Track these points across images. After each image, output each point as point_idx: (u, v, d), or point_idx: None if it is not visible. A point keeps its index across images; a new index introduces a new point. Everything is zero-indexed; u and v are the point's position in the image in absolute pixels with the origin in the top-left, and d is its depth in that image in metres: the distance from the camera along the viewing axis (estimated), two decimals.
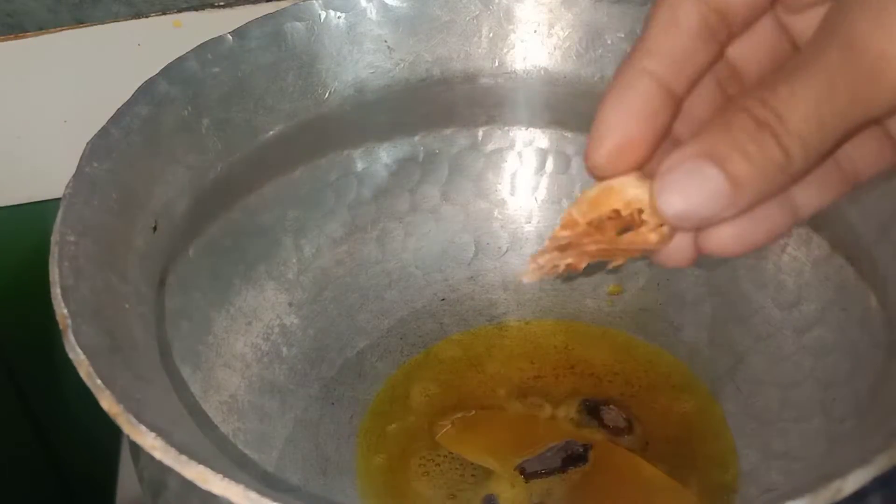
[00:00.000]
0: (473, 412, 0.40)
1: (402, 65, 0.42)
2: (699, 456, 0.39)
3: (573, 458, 0.38)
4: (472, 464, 0.39)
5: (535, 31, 0.43)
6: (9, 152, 0.48)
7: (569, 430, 0.40)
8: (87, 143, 0.34)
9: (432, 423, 0.40)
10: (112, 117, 0.35)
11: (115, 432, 0.28)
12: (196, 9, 0.46)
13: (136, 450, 0.34)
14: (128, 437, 0.27)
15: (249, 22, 0.40)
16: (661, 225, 0.25)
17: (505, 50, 0.43)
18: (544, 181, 0.46)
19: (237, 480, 0.25)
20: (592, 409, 0.40)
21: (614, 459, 0.38)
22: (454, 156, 0.45)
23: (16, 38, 0.45)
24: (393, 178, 0.44)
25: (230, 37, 0.39)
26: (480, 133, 0.45)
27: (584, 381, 0.42)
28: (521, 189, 0.46)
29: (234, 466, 0.29)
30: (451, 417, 0.40)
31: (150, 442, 0.26)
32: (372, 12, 0.41)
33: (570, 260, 0.27)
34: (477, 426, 0.40)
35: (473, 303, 0.45)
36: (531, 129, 0.45)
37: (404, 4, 0.42)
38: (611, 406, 0.40)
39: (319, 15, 0.41)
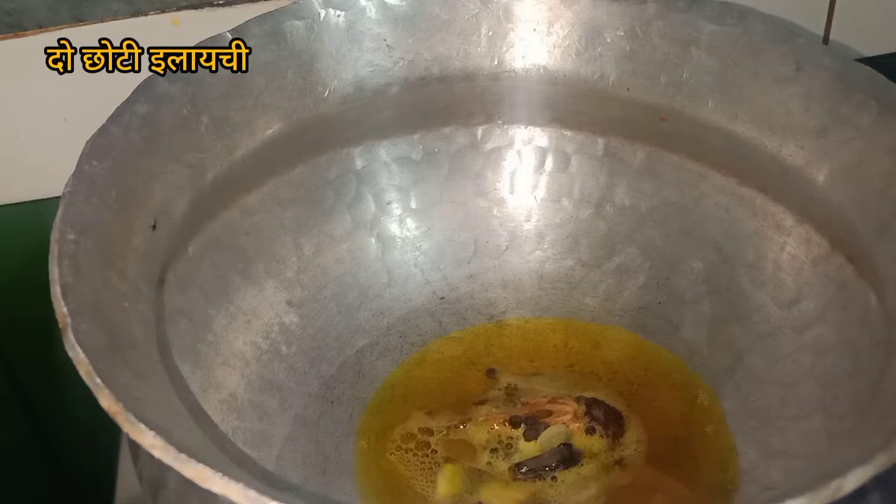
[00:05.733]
0: (469, 421, 0.40)
1: (401, 63, 0.42)
2: (699, 454, 0.39)
3: (567, 459, 0.38)
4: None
5: (535, 30, 0.43)
6: (8, 150, 0.48)
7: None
8: (87, 142, 0.34)
9: (431, 423, 0.40)
10: (111, 116, 0.35)
11: (114, 431, 0.28)
12: (195, 7, 0.46)
13: (136, 448, 0.34)
14: (127, 435, 0.27)
15: (249, 20, 0.40)
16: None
17: (504, 48, 0.43)
18: (543, 179, 0.46)
19: (236, 479, 0.25)
20: (589, 407, 0.40)
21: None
22: (453, 154, 0.45)
23: (15, 36, 0.45)
24: (392, 177, 0.44)
25: (229, 35, 0.39)
26: (480, 131, 0.45)
27: (583, 379, 0.42)
28: (521, 187, 0.46)
29: (234, 465, 0.29)
30: (448, 423, 0.40)
31: (150, 440, 0.26)
32: (371, 11, 0.41)
33: None
34: (472, 431, 0.40)
35: (473, 301, 0.45)
36: (530, 127, 0.45)
37: (403, 3, 0.42)
38: (600, 402, 0.40)
39: (319, 13, 0.41)
